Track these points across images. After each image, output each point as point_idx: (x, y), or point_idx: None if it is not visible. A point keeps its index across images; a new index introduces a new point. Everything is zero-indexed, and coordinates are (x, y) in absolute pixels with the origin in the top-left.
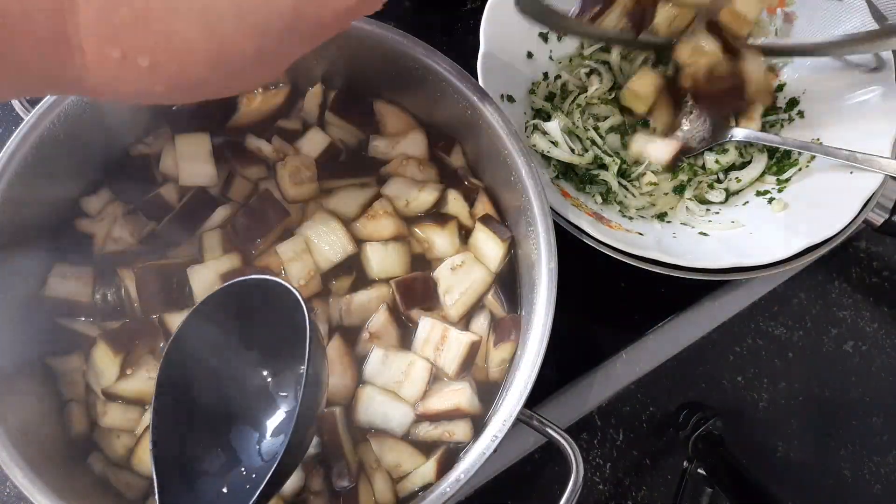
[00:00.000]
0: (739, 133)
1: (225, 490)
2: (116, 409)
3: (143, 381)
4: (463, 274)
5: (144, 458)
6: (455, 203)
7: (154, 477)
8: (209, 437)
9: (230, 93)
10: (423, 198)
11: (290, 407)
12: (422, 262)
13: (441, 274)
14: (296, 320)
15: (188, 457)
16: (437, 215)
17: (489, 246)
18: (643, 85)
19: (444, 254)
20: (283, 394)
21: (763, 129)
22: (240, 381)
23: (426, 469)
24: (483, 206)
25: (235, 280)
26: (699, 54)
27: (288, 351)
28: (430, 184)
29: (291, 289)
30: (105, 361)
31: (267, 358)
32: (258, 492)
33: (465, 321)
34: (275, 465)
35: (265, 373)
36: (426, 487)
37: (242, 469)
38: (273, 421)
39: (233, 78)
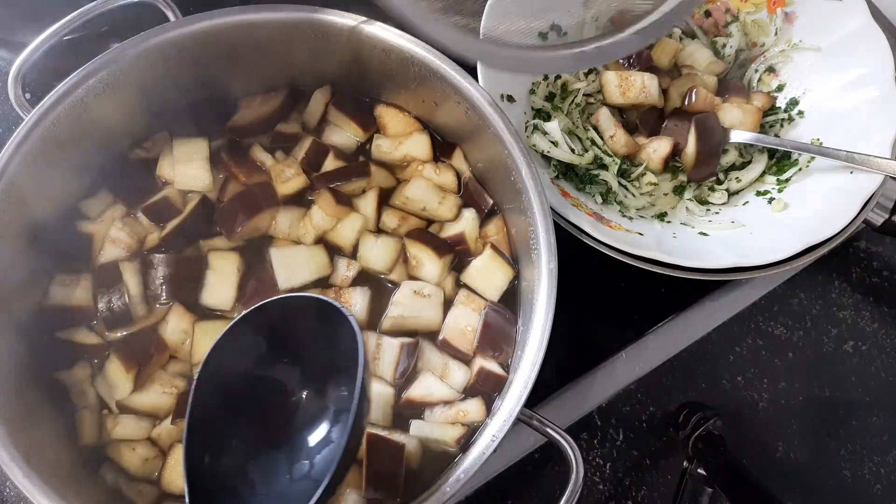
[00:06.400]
0: (739, 135)
1: None
2: (128, 421)
3: (157, 395)
4: (419, 304)
5: (173, 479)
6: (469, 222)
7: (186, 494)
8: (241, 455)
9: None
10: (442, 211)
11: (329, 427)
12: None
13: (402, 290)
14: (338, 339)
15: (217, 472)
16: (441, 242)
17: (496, 274)
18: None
19: (425, 278)
20: (322, 413)
21: (763, 129)
22: (275, 397)
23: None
24: (496, 228)
25: (280, 297)
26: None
27: (328, 369)
28: (451, 196)
29: (339, 307)
30: (118, 375)
31: (305, 375)
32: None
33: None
34: (323, 486)
35: (303, 390)
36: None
37: (271, 488)
38: (310, 440)
39: None
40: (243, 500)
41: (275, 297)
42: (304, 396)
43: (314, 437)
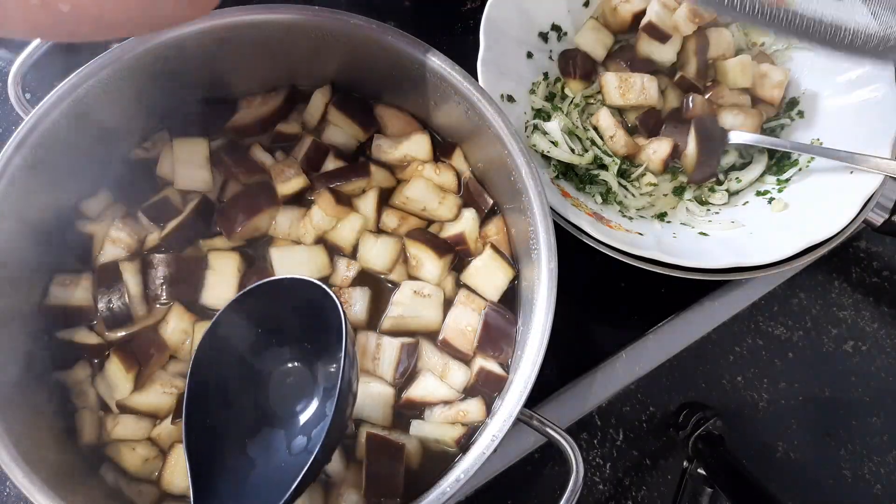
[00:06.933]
0: (739, 136)
1: (254, 481)
2: (128, 421)
3: (157, 395)
4: (419, 304)
5: (173, 479)
6: (469, 222)
7: (188, 472)
8: (239, 432)
9: (158, 28)
10: (442, 211)
11: (321, 403)
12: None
13: (402, 290)
14: (326, 318)
15: (218, 452)
16: (441, 242)
17: (497, 274)
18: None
19: (425, 278)
20: (314, 390)
21: (763, 128)
22: (269, 377)
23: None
24: (496, 228)
25: (267, 280)
26: None
27: (318, 348)
28: (451, 196)
29: (325, 287)
30: (118, 375)
31: (296, 355)
32: (297, 482)
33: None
34: (311, 459)
35: (295, 370)
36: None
37: (270, 463)
38: (304, 416)
39: (159, 15)
40: (243, 476)
41: (259, 282)
42: (297, 375)
43: (309, 413)
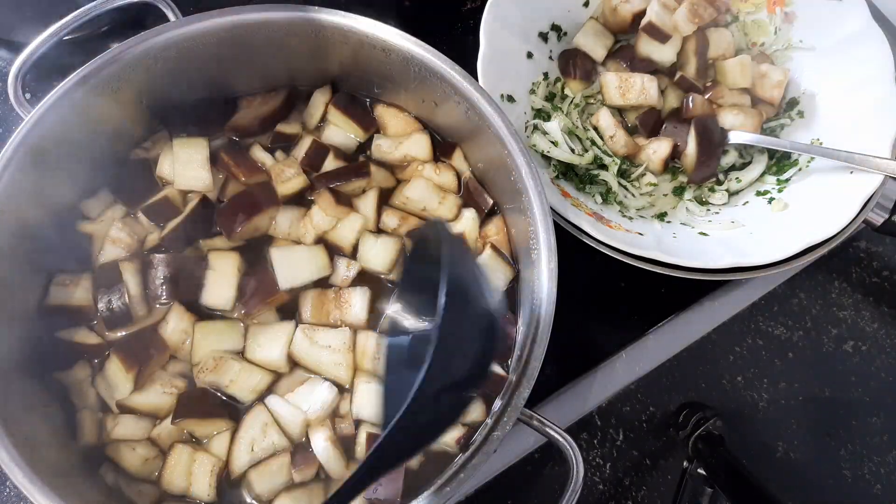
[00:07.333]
0: (739, 136)
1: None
2: (128, 421)
3: (157, 395)
4: None
5: (173, 479)
6: (469, 222)
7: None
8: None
9: None
10: (442, 211)
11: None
12: None
13: None
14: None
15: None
16: None
17: (497, 274)
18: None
19: None
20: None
21: (763, 128)
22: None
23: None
24: (496, 227)
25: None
26: None
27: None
28: (451, 196)
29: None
30: (118, 375)
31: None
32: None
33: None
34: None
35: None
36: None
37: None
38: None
39: None
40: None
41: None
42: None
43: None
